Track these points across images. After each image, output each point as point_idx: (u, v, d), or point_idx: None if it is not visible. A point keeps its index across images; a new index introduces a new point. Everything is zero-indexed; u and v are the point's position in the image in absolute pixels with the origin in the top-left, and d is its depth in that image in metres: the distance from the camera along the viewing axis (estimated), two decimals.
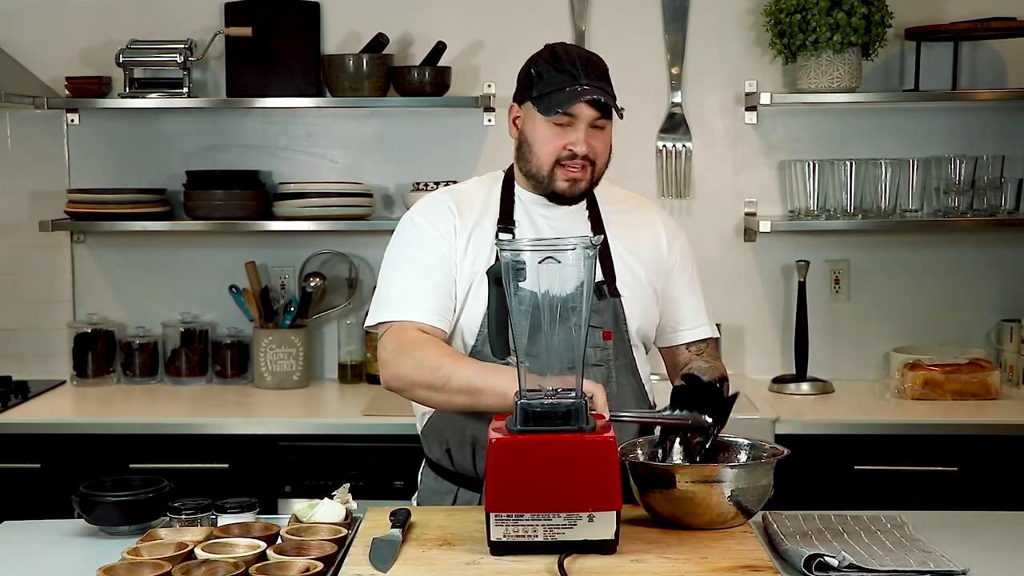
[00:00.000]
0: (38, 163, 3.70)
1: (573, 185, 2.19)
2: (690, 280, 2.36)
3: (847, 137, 3.62)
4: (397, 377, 2.14)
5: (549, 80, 2.16)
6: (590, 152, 2.17)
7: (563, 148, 2.17)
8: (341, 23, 3.64)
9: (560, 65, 2.17)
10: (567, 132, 2.16)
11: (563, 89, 2.14)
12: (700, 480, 1.92)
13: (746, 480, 1.94)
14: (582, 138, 2.16)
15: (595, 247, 1.85)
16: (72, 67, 3.63)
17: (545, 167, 2.19)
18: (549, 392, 1.86)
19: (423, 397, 2.14)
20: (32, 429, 3.20)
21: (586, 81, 2.14)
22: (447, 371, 2.07)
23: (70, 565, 1.96)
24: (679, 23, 3.62)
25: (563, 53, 2.19)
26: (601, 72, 2.19)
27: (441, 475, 2.28)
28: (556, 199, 2.22)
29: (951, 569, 1.83)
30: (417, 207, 2.30)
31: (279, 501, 3.14)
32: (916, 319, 3.68)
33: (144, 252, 3.74)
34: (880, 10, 3.37)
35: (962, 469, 3.10)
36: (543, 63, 2.20)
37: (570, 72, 2.15)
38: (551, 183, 2.20)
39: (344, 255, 3.68)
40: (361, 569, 1.80)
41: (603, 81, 2.18)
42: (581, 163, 2.17)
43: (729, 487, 1.92)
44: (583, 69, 2.15)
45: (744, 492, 1.94)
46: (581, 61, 2.17)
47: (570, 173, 2.18)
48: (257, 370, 3.60)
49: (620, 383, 2.21)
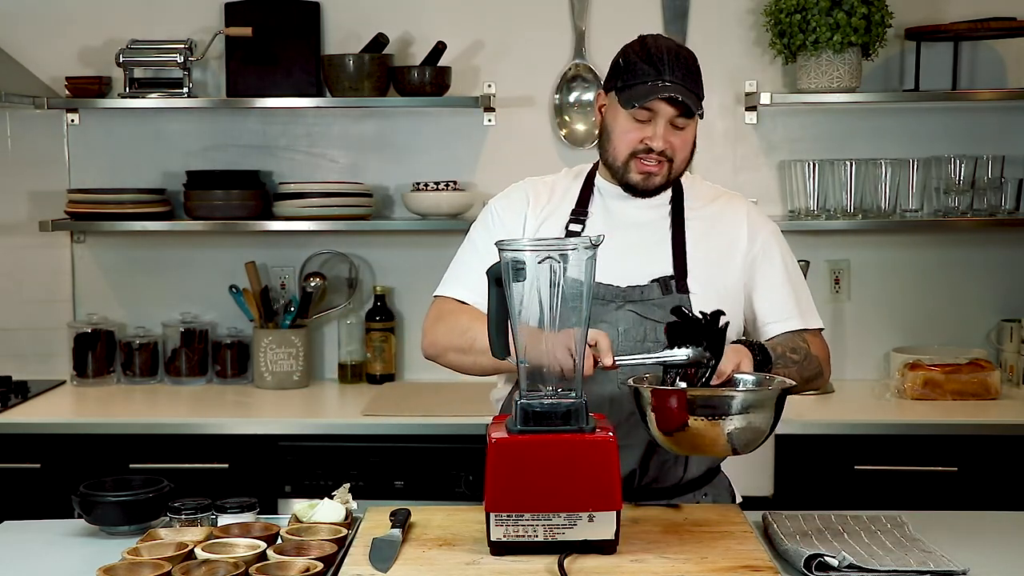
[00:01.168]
0: (38, 163, 3.70)
1: (647, 179, 2.19)
2: (780, 272, 2.27)
3: (847, 137, 3.62)
4: (432, 344, 2.25)
5: (635, 71, 2.14)
6: (667, 148, 2.16)
7: (640, 142, 2.16)
8: (341, 23, 3.64)
9: (647, 56, 2.14)
10: (645, 127, 2.16)
11: (645, 83, 2.12)
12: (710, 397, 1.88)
13: (754, 399, 1.88)
14: (660, 134, 2.15)
15: (595, 247, 1.85)
16: (72, 67, 3.63)
17: (621, 158, 2.19)
18: (549, 392, 1.86)
19: (454, 361, 2.22)
20: (32, 429, 3.20)
21: (670, 77, 2.12)
22: (473, 334, 2.13)
23: (70, 565, 1.96)
24: (679, 23, 3.62)
25: (652, 45, 2.17)
26: (688, 68, 2.16)
27: None
28: (631, 191, 2.22)
29: (951, 569, 1.83)
30: (499, 194, 2.35)
31: (279, 501, 3.14)
32: (916, 319, 3.68)
33: (144, 252, 3.74)
34: (880, 10, 3.37)
35: (962, 469, 3.10)
36: (632, 53, 2.18)
37: (655, 65, 2.13)
38: (626, 174, 2.20)
39: (344, 255, 3.68)
40: (361, 569, 1.80)
41: (688, 79, 2.15)
42: (657, 158, 2.16)
43: (739, 403, 1.86)
44: (669, 64, 2.13)
45: (752, 412, 1.88)
46: (669, 55, 2.15)
47: (644, 167, 2.17)
48: (257, 370, 3.60)
49: None
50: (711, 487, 2.28)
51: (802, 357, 2.16)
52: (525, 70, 3.60)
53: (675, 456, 2.16)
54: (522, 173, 2.42)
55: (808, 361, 2.18)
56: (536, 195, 2.28)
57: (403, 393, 3.50)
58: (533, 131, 3.65)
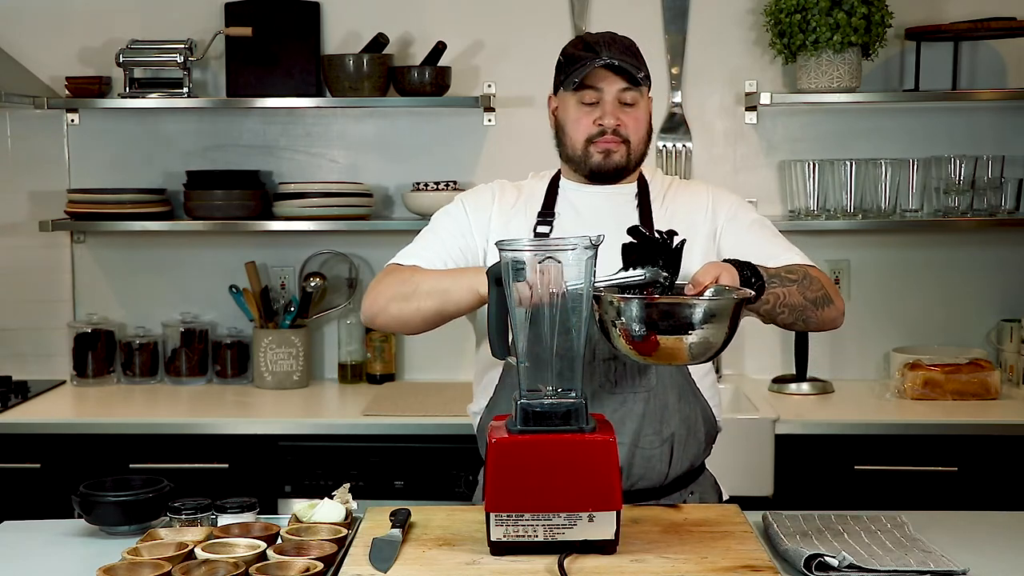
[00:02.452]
0: (38, 163, 3.70)
1: (607, 157, 2.22)
2: (754, 226, 2.27)
3: (847, 137, 3.62)
4: (373, 300, 2.20)
5: (574, 60, 2.21)
6: (620, 126, 2.20)
7: (593, 124, 2.21)
8: (341, 23, 3.64)
9: (585, 45, 2.22)
10: (595, 109, 2.21)
11: (584, 64, 2.18)
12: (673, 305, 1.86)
13: (715, 307, 1.85)
14: (608, 111, 2.19)
15: (595, 247, 1.85)
16: (72, 67, 3.63)
17: (579, 146, 2.23)
18: (549, 392, 1.86)
19: (395, 312, 2.16)
20: (32, 429, 3.20)
21: (607, 55, 2.18)
22: (416, 279, 2.14)
23: (70, 565, 1.96)
24: (679, 23, 3.62)
25: (588, 36, 2.25)
26: (625, 47, 2.22)
27: None
28: (596, 177, 2.24)
29: (951, 569, 1.83)
30: (470, 190, 2.39)
31: (279, 501, 3.14)
32: (916, 319, 3.68)
33: (144, 252, 3.74)
34: (880, 10, 3.37)
35: (962, 469, 3.10)
36: (570, 48, 2.26)
37: (592, 49, 2.20)
38: (586, 161, 2.23)
39: (344, 255, 3.68)
40: (361, 569, 1.80)
41: (627, 55, 2.20)
42: (612, 138, 2.20)
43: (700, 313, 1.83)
44: (605, 45, 2.20)
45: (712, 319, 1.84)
46: (604, 39, 2.22)
47: (602, 145, 2.21)
48: (257, 370, 3.60)
49: (660, 374, 2.18)
50: (697, 485, 2.28)
51: (800, 276, 2.11)
52: (525, 70, 3.60)
53: (659, 451, 2.17)
54: (522, 173, 2.42)
55: (809, 281, 2.12)
56: (503, 195, 2.32)
57: (403, 393, 3.50)
58: (533, 131, 3.64)
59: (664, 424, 2.17)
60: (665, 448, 2.18)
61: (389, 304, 2.17)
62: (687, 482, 2.26)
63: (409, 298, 2.14)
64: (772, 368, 3.65)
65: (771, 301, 2.05)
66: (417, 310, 2.14)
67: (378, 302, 2.19)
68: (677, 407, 2.19)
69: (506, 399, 2.18)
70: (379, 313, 2.19)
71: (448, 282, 2.11)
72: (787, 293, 2.06)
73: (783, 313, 2.08)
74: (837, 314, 2.19)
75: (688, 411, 2.21)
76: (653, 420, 2.16)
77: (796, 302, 2.08)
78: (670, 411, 2.18)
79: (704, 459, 2.31)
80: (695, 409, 2.22)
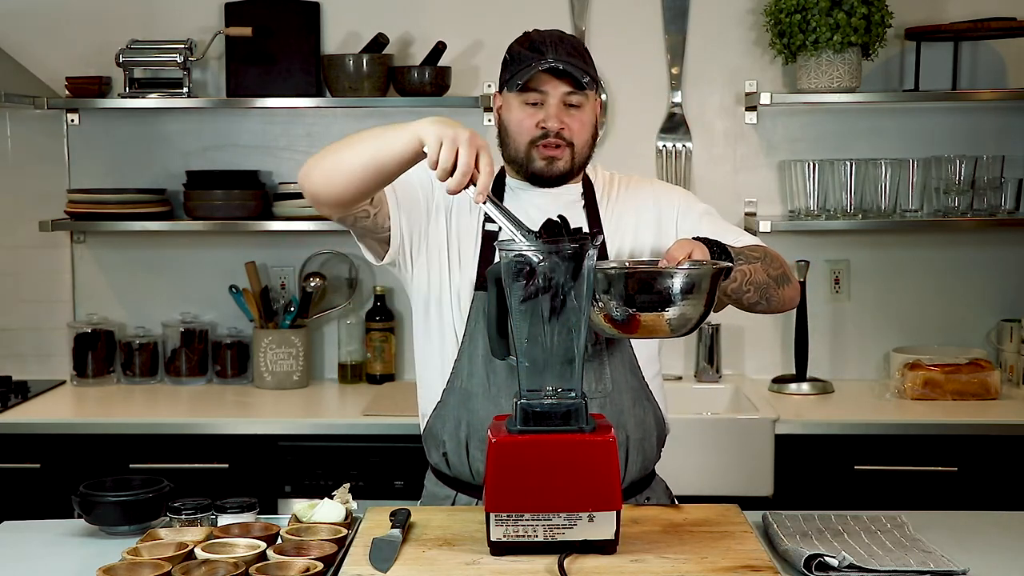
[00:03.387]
0: (38, 163, 3.70)
1: (550, 164, 2.16)
2: (702, 218, 2.24)
3: (847, 137, 3.62)
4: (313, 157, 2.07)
5: (519, 60, 2.16)
6: (564, 130, 2.14)
7: (536, 127, 2.15)
8: (341, 23, 3.64)
9: (530, 44, 2.16)
10: (539, 111, 2.15)
11: (529, 66, 2.13)
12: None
13: (695, 276, 1.85)
14: (552, 114, 2.13)
15: (595, 247, 1.84)
16: (72, 67, 3.63)
17: (521, 148, 2.17)
18: (549, 392, 1.86)
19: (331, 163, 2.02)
20: (32, 429, 3.20)
21: (553, 56, 2.12)
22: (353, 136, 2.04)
23: (70, 565, 1.96)
24: (679, 23, 3.62)
25: (535, 34, 2.19)
26: (573, 49, 2.16)
27: (440, 479, 2.27)
28: (538, 181, 2.19)
29: (951, 569, 1.83)
30: None
31: (279, 501, 3.14)
32: (916, 319, 3.68)
33: (144, 252, 3.74)
34: (880, 10, 3.37)
35: (962, 469, 3.10)
36: (516, 47, 2.20)
37: (539, 49, 2.14)
38: (529, 164, 2.18)
39: (344, 255, 3.68)
40: (361, 569, 1.80)
41: (574, 57, 2.15)
42: (556, 141, 2.15)
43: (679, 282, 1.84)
44: (552, 47, 2.14)
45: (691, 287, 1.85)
46: (551, 39, 2.16)
47: (545, 152, 2.16)
48: (257, 370, 3.60)
49: (615, 379, 2.17)
50: (651, 491, 2.26)
51: (762, 256, 2.11)
52: None
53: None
54: None
55: (770, 260, 2.12)
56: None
57: (403, 393, 3.50)
58: None
59: (619, 429, 2.13)
60: (620, 453, 2.16)
61: (326, 156, 2.03)
62: (641, 488, 2.24)
63: (348, 146, 2.01)
64: (772, 368, 3.65)
65: (739, 279, 2.05)
66: (354, 158, 2.00)
67: (316, 156, 2.06)
68: (632, 411, 2.17)
69: (454, 403, 2.18)
70: (314, 166, 2.05)
71: (393, 129, 2.00)
72: (752, 271, 2.07)
73: (749, 291, 2.08)
74: (795, 293, 2.20)
75: (642, 415, 2.19)
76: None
77: (761, 279, 2.08)
78: (625, 415, 2.16)
79: (655, 464, 2.30)
80: (648, 412, 2.21)
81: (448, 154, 1.88)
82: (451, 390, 2.19)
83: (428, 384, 2.26)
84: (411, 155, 1.97)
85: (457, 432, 2.17)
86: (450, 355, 2.19)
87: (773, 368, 3.65)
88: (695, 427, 3.12)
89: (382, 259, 2.24)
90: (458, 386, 2.18)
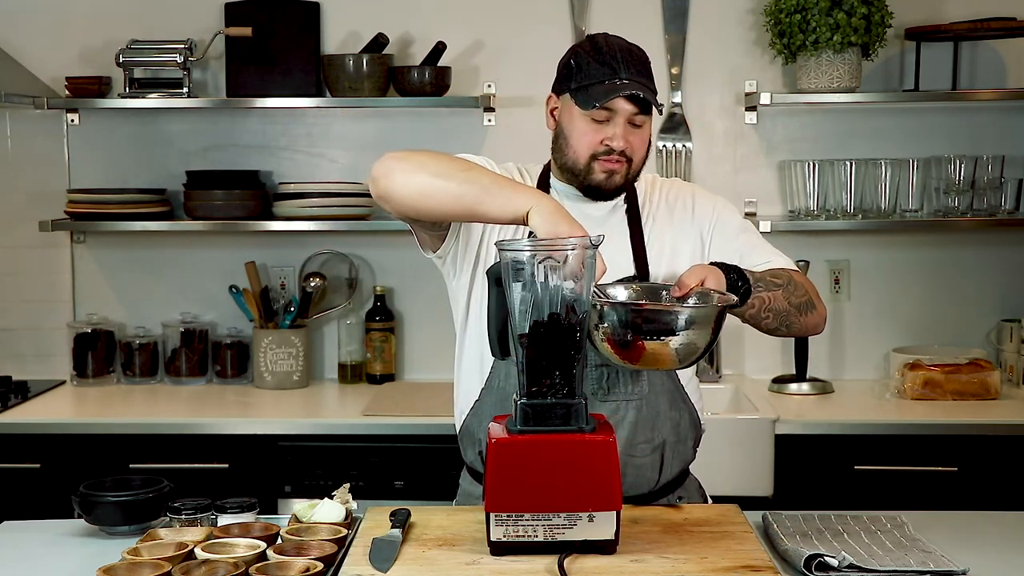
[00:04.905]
0: (38, 163, 3.70)
1: (610, 178, 2.15)
2: (737, 234, 2.24)
3: (847, 137, 3.62)
4: (400, 158, 1.99)
5: (588, 72, 2.11)
6: (627, 148, 2.13)
7: (600, 143, 2.13)
8: (341, 23, 3.64)
9: (600, 57, 2.11)
10: (604, 127, 2.12)
11: (602, 83, 2.09)
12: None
13: (698, 315, 1.87)
14: (619, 133, 2.11)
15: (595, 247, 1.84)
16: (72, 67, 3.63)
17: (582, 160, 2.15)
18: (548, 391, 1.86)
19: (423, 182, 1.95)
20: (32, 429, 3.20)
21: (626, 75, 2.09)
22: (466, 163, 1.98)
23: (70, 565, 1.96)
24: (679, 23, 3.62)
25: (604, 44, 2.14)
26: (642, 65, 2.14)
27: (475, 478, 2.26)
28: (592, 193, 2.18)
29: (951, 569, 1.83)
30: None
31: (279, 501, 3.14)
32: (916, 319, 3.68)
33: (144, 252, 3.74)
34: (880, 10, 3.37)
35: (962, 469, 3.10)
36: (583, 54, 2.14)
37: (610, 64, 2.10)
38: (587, 176, 2.15)
39: (344, 255, 3.68)
40: (361, 569, 1.80)
41: (643, 75, 2.13)
42: (617, 158, 2.13)
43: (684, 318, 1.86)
44: (623, 62, 2.11)
45: (695, 326, 1.87)
46: (622, 53, 2.12)
47: (606, 165, 2.14)
48: (257, 370, 3.60)
49: (652, 382, 2.16)
50: (683, 490, 2.26)
51: (785, 282, 2.11)
52: (525, 70, 3.60)
53: (650, 459, 2.15)
54: None
55: (793, 287, 2.12)
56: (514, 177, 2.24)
57: (403, 393, 3.50)
58: (533, 131, 3.62)
59: (656, 431, 2.15)
60: (656, 456, 2.17)
61: (421, 170, 1.96)
62: (674, 487, 2.24)
63: (451, 176, 1.94)
64: (772, 368, 3.65)
65: (756, 305, 2.04)
66: (452, 191, 1.93)
67: (407, 161, 1.98)
68: (668, 414, 2.18)
69: (491, 402, 2.17)
70: (400, 171, 1.97)
71: (505, 184, 1.94)
72: (772, 298, 2.06)
73: (767, 318, 2.08)
74: (820, 320, 2.19)
75: (678, 417, 2.20)
76: (645, 428, 2.14)
77: (781, 307, 2.08)
78: (662, 418, 2.17)
79: (690, 464, 2.30)
80: (683, 415, 2.21)
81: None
82: (489, 389, 2.19)
83: (466, 383, 2.24)
84: (510, 220, 1.94)
85: None
86: (489, 355, 2.18)
87: (773, 368, 3.65)
88: None
89: (431, 253, 2.23)
90: (496, 386, 2.17)
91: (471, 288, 2.21)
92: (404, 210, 2.02)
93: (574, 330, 1.84)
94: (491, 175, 1.98)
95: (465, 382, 2.25)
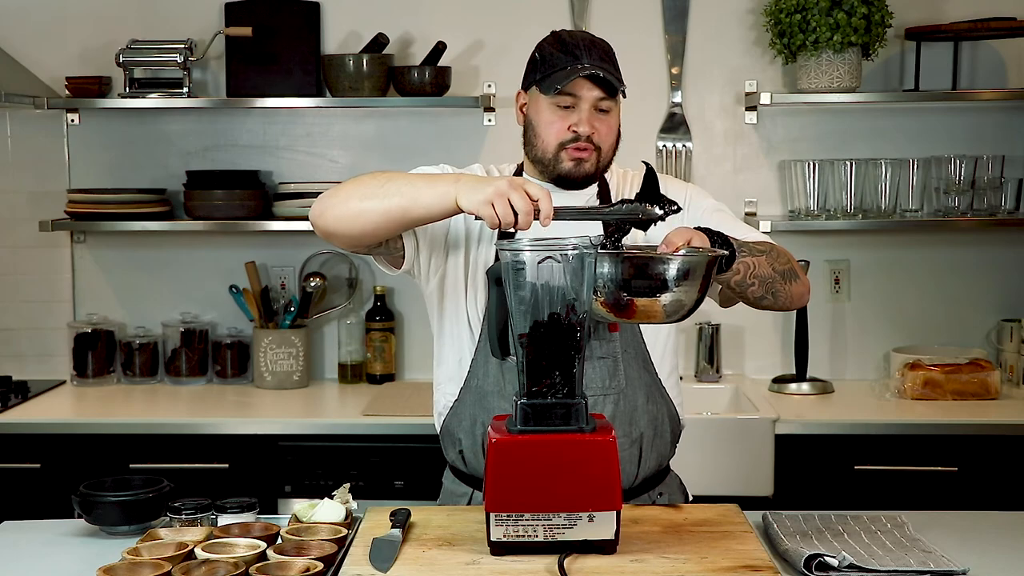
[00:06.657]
0: (38, 163, 3.70)
1: (578, 165, 2.16)
2: (712, 213, 2.23)
3: (847, 137, 3.62)
4: (329, 195, 2.05)
5: (552, 62, 2.15)
6: (594, 135, 2.15)
7: (567, 130, 2.15)
8: (341, 23, 3.64)
9: (563, 47, 2.15)
10: (570, 114, 2.15)
11: (564, 68, 2.13)
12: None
13: (689, 263, 1.85)
14: (584, 118, 2.14)
15: (595, 247, 1.84)
16: (72, 67, 3.63)
17: (550, 150, 2.17)
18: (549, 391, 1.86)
19: (354, 208, 2.01)
20: (32, 429, 3.20)
21: (588, 61, 2.13)
22: (385, 177, 2.03)
23: (70, 565, 1.96)
24: (679, 23, 3.62)
25: (566, 35, 2.19)
26: (605, 53, 2.17)
27: (458, 477, 2.27)
28: (563, 183, 2.19)
29: (951, 569, 1.83)
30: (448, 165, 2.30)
31: (279, 501, 3.14)
32: (916, 319, 3.68)
33: (144, 252, 3.74)
34: (880, 10, 3.37)
35: (962, 469, 3.10)
36: (547, 46, 2.19)
37: (572, 52, 2.14)
38: (556, 166, 2.18)
39: (344, 255, 3.68)
40: (361, 569, 1.80)
41: (607, 62, 2.15)
42: (585, 145, 2.15)
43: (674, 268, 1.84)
44: (586, 50, 2.14)
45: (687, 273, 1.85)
46: (584, 43, 2.16)
47: (574, 153, 2.16)
48: (257, 370, 3.60)
49: (629, 376, 2.17)
50: (664, 486, 2.27)
51: (768, 250, 2.11)
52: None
53: (628, 453, 2.15)
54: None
55: (776, 254, 2.12)
56: None
57: (403, 393, 3.50)
58: None
59: (633, 426, 2.16)
60: (634, 449, 2.17)
61: (349, 199, 2.02)
62: (655, 483, 2.24)
63: (374, 195, 2.00)
64: (772, 368, 3.65)
65: (742, 271, 2.04)
66: (379, 207, 1.99)
67: (336, 196, 2.04)
68: (646, 408, 2.18)
69: (470, 401, 2.18)
70: (332, 207, 2.04)
71: (423, 184, 1.98)
72: (757, 263, 2.06)
73: (753, 284, 2.07)
74: (804, 290, 2.18)
75: (655, 411, 2.20)
76: (623, 422, 2.15)
77: (766, 273, 2.07)
78: (639, 412, 2.17)
79: (670, 459, 2.30)
80: (661, 408, 2.21)
81: (505, 209, 1.88)
82: (467, 389, 2.20)
83: (445, 383, 2.25)
84: (443, 213, 1.98)
85: (473, 430, 2.17)
86: (467, 354, 2.20)
87: (773, 368, 3.65)
88: (695, 427, 3.10)
89: (396, 271, 2.25)
90: (474, 385, 2.18)
91: (442, 292, 2.23)
92: (350, 240, 2.08)
93: (574, 330, 1.84)
94: (409, 179, 2.02)
95: (444, 383, 2.25)
